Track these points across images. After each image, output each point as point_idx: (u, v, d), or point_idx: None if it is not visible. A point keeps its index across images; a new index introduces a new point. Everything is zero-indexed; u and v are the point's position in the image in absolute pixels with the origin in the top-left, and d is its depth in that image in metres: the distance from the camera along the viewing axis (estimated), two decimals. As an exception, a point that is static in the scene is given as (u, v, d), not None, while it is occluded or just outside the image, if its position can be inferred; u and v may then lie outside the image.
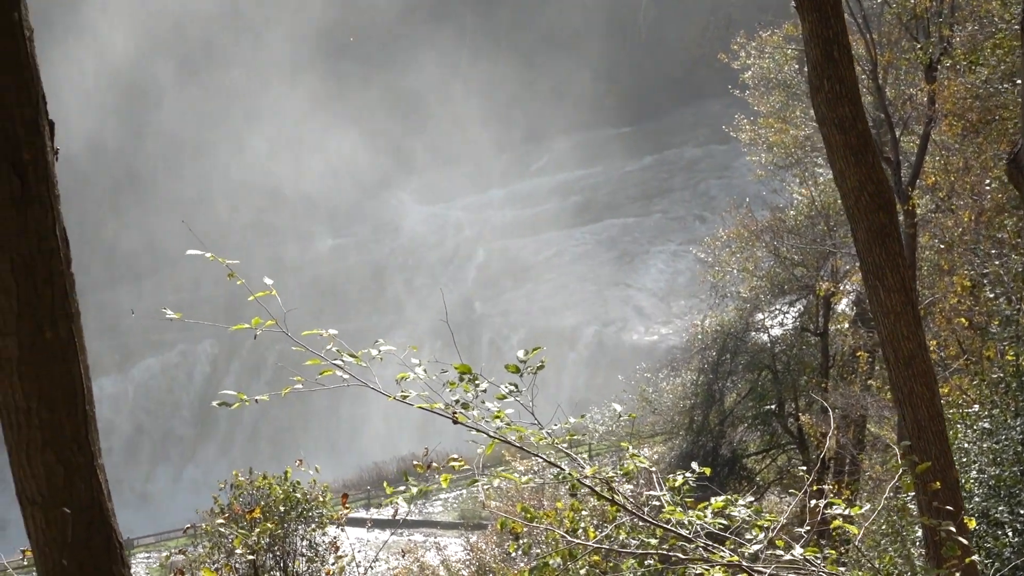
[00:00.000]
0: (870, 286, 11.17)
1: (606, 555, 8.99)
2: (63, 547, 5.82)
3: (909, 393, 11.33)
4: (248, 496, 21.74)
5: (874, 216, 10.76)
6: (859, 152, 10.54)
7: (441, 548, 44.39)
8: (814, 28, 9.62)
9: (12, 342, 5.66)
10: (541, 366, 8.49)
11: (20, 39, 5.47)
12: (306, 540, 21.52)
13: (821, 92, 10.11)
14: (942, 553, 9.48)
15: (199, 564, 20.44)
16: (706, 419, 44.45)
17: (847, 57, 10.25)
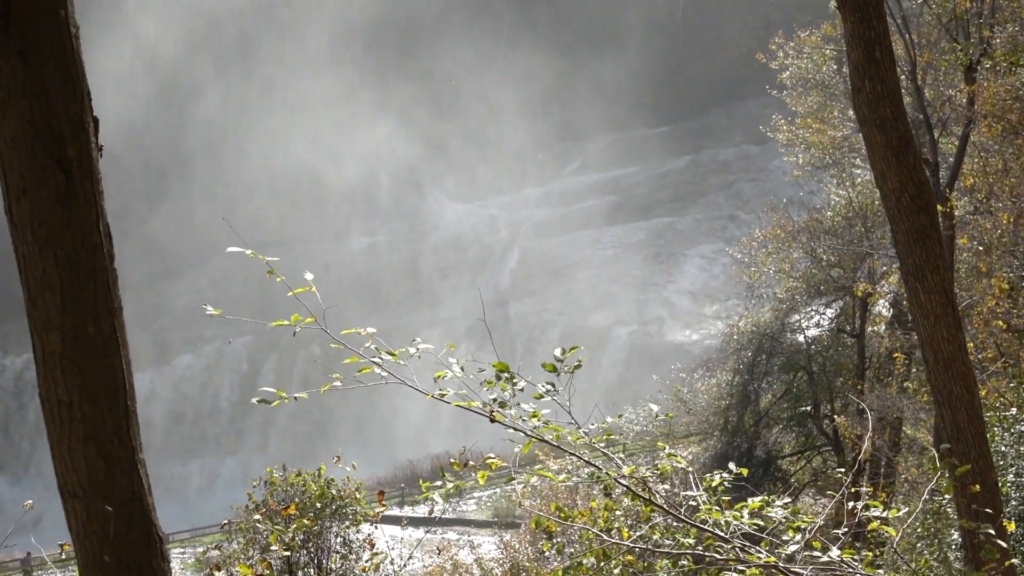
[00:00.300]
0: (910, 288, 11.12)
1: (640, 555, 8.98)
2: (104, 540, 5.86)
3: (948, 395, 11.28)
4: (282, 492, 21.80)
5: (915, 217, 10.71)
6: (900, 153, 10.50)
7: (475, 546, 44.42)
8: (856, 28, 9.58)
9: (56, 337, 5.70)
10: (578, 365, 8.47)
11: (66, 36, 5.51)
12: (340, 537, 21.56)
13: (862, 93, 10.07)
14: (981, 556, 9.43)
15: (234, 560, 20.51)
16: (741, 420, 44.30)
17: (889, 58, 10.21)
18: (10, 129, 5.50)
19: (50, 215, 5.57)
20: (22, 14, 5.38)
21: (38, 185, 5.54)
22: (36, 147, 5.50)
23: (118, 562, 5.86)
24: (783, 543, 8.14)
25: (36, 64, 5.44)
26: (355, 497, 22.01)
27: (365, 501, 22.40)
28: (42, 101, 5.47)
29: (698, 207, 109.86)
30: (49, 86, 5.48)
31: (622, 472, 8.27)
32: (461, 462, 8.97)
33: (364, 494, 22.44)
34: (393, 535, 23.15)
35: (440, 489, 8.27)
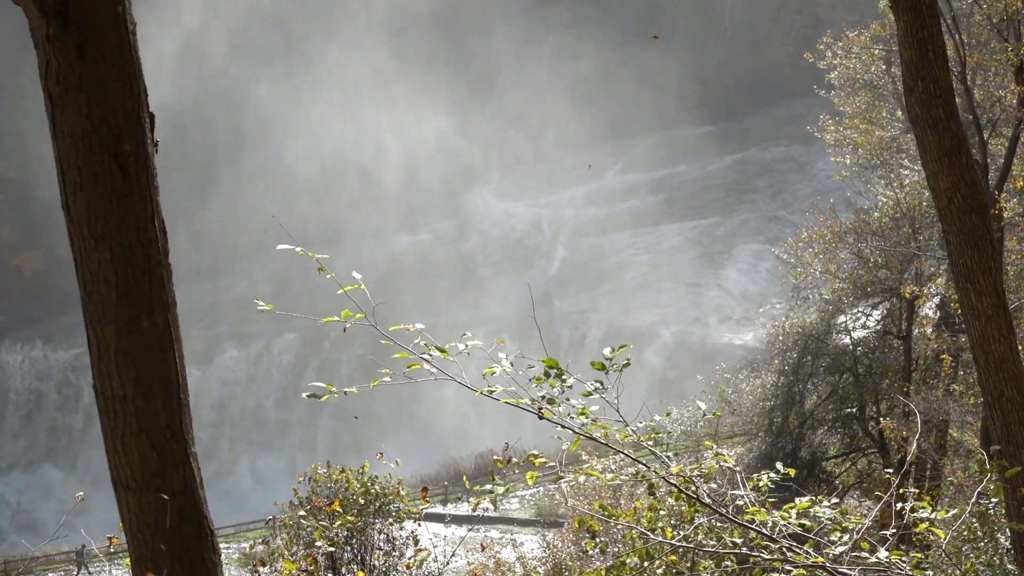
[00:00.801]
0: (961, 289, 11.05)
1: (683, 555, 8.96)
2: (156, 532, 5.90)
3: (999, 397, 11.20)
4: (326, 489, 21.85)
5: (966, 218, 10.64)
6: (952, 153, 10.43)
7: (517, 545, 44.39)
8: (909, 28, 9.53)
9: (110, 330, 5.74)
10: (627, 363, 8.47)
11: (124, 33, 5.55)
12: (383, 534, 21.58)
13: (915, 92, 10.02)
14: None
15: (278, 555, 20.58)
16: (786, 421, 44.11)
17: (942, 58, 10.14)
18: (67, 124, 5.56)
19: (106, 210, 5.61)
20: (80, 11, 5.43)
21: (95, 180, 5.59)
22: (93, 142, 5.54)
23: (170, 553, 5.91)
24: (830, 544, 8.12)
25: (94, 60, 5.49)
26: (398, 494, 22.05)
27: (408, 498, 22.44)
28: (99, 97, 5.52)
29: (744, 207, 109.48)
30: (106, 82, 5.52)
31: (670, 470, 8.26)
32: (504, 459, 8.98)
33: (407, 491, 22.48)
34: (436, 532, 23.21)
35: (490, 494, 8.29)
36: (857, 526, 8.22)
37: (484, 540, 43.13)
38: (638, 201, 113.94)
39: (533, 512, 62.28)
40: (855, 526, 8.21)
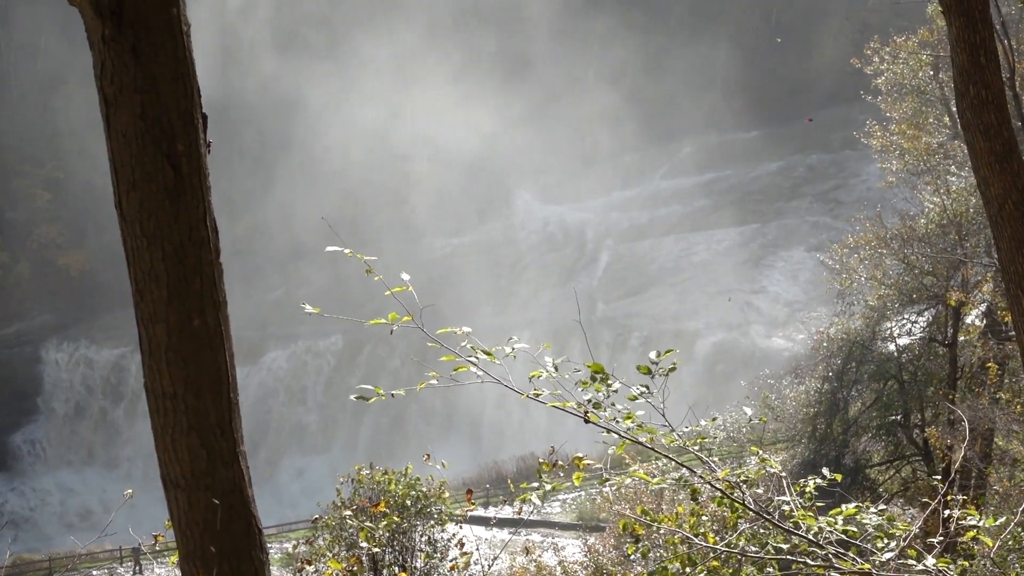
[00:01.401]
0: (1012, 296, 10.94)
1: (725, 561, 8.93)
2: (205, 530, 5.94)
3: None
4: (368, 490, 21.89)
5: (1018, 224, 10.54)
6: (1004, 159, 10.34)
7: (559, 549, 44.33)
8: (961, 33, 9.47)
9: (161, 329, 5.78)
10: (673, 368, 8.46)
11: (178, 33, 5.60)
12: (425, 536, 21.61)
13: (966, 98, 9.96)
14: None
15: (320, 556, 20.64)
16: (829, 427, 43.88)
17: (994, 63, 10.06)
18: (121, 124, 5.60)
19: (158, 209, 5.66)
20: (135, 11, 5.48)
21: (147, 179, 5.63)
22: (146, 142, 5.59)
23: (219, 552, 5.94)
24: (875, 551, 8.07)
25: (148, 60, 5.54)
26: (440, 496, 22.07)
27: (450, 501, 22.46)
28: (153, 97, 5.56)
29: (789, 212, 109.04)
30: (160, 82, 5.57)
31: (716, 475, 8.24)
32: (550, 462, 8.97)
33: (449, 494, 22.50)
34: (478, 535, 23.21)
35: (537, 490, 8.29)
36: (904, 533, 8.17)
37: (526, 543, 43.11)
38: (683, 205, 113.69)
39: (575, 516, 62.25)
40: (901, 533, 8.17)
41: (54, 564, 64.12)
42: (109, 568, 62.98)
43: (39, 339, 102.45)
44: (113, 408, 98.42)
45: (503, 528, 53.14)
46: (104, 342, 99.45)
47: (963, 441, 11.24)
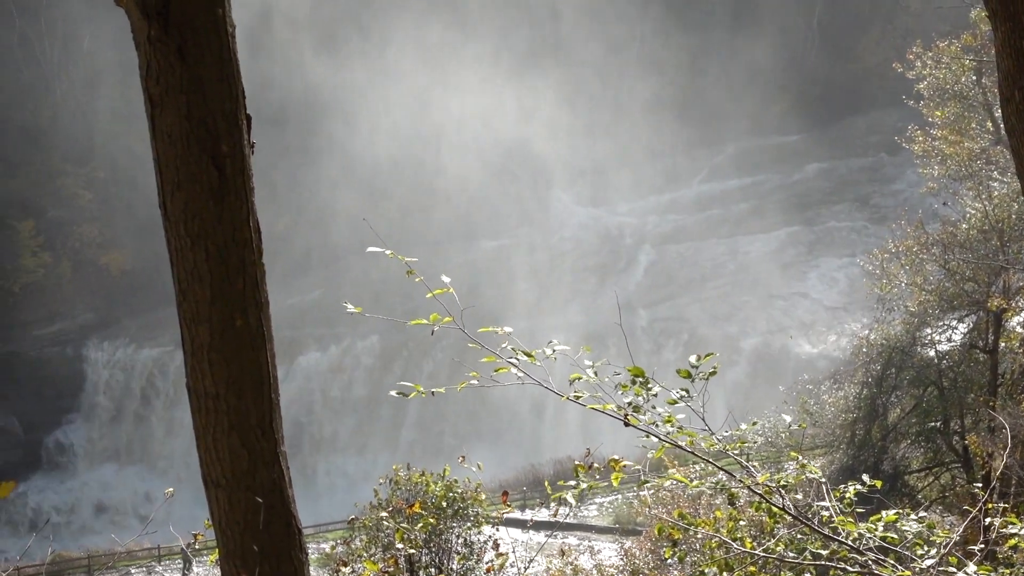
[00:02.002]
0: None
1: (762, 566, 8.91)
2: (245, 529, 5.97)
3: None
4: (406, 491, 21.92)
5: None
6: (1050, 166, 10.25)
7: (595, 552, 44.30)
8: (1007, 38, 9.38)
9: (204, 329, 5.82)
10: (713, 372, 8.45)
11: (223, 35, 5.63)
12: (461, 538, 21.62)
13: (1012, 103, 9.87)
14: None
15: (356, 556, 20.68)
16: (868, 434, 43.68)
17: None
18: (167, 125, 5.64)
19: (202, 209, 5.69)
20: (181, 13, 5.51)
21: (192, 180, 5.67)
22: (191, 143, 5.63)
23: (259, 551, 5.97)
24: (915, 558, 8.03)
25: (193, 62, 5.57)
26: (477, 499, 22.08)
27: (487, 503, 22.46)
28: (198, 98, 5.60)
29: (829, 217, 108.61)
30: (205, 83, 5.60)
31: (756, 480, 8.22)
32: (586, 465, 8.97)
33: (486, 496, 22.51)
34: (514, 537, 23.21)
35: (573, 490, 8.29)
36: (944, 541, 8.13)
37: (562, 547, 43.10)
38: (722, 209, 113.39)
39: (611, 519, 62.16)
40: (941, 541, 8.13)
41: (93, 562, 64.50)
42: (148, 566, 63.28)
43: (80, 338, 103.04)
44: (153, 407, 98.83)
45: (539, 531, 53.12)
46: (144, 342, 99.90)
47: (1004, 448, 11.17)
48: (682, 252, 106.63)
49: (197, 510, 30.34)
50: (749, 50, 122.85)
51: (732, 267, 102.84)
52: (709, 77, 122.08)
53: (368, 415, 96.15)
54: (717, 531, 8.72)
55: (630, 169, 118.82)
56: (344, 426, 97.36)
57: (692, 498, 35.83)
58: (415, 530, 17.04)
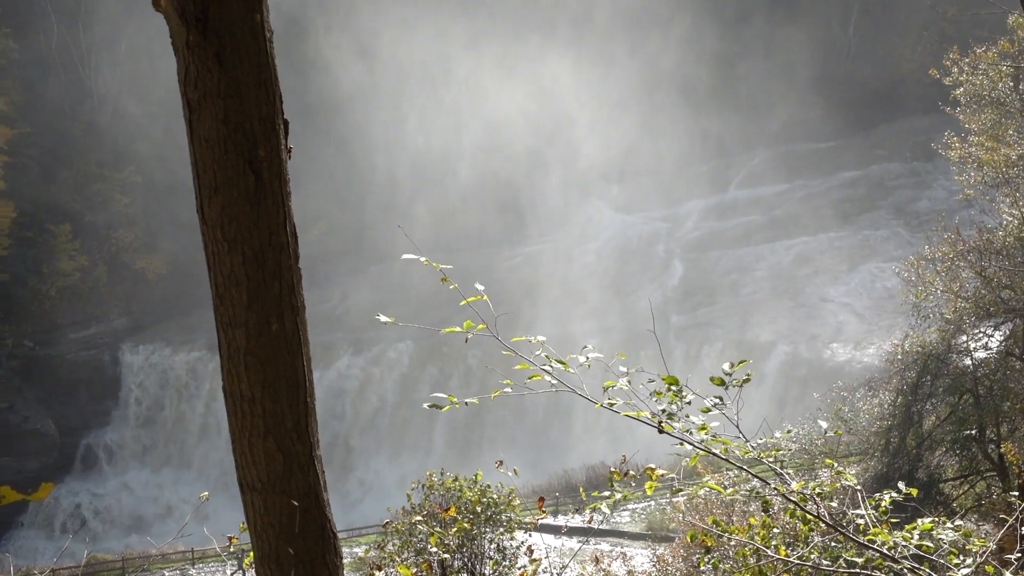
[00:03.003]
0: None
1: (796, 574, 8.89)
2: (280, 532, 5.99)
3: None
4: (439, 496, 21.94)
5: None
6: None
7: (627, 558, 44.26)
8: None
9: (241, 333, 5.84)
10: (747, 379, 8.42)
11: (261, 40, 5.66)
12: (494, 543, 21.61)
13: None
14: None
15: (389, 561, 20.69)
16: (903, 441, 43.44)
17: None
18: (204, 129, 5.67)
19: (239, 213, 5.71)
20: (220, 19, 5.54)
21: (229, 184, 5.69)
22: (229, 147, 5.65)
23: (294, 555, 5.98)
24: (951, 567, 7.99)
25: (232, 66, 5.60)
26: (510, 504, 22.07)
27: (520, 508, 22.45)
28: (236, 102, 5.62)
29: (864, 223, 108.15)
30: (243, 88, 5.63)
31: (791, 488, 8.19)
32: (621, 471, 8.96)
33: (519, 501, 22.49)
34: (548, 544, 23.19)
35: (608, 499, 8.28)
36: (980, 549, 8.09)
37: (594, 553, 43.05)
38: (757, 216, 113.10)
39: (644, 526, 62.06)
40: (978, 549, 8.09)
41: (127, 564, 64.85)
42: (181, 569, 63.56)
43: (115, 341, 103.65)
44: (187, 411, 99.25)
45: (572, 537, 53.09)
46: (179, 345, 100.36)
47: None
48: (716, 258, 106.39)
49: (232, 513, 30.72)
50: (784, 57, 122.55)
51: (766, 273, 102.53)
52: (744, 84, 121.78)
53: (400, 420, 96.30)
54: (751, 539, 8.69)
55: (664, 175, 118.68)
56: (376, 431, 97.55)
57: (725, 505, 35.76)
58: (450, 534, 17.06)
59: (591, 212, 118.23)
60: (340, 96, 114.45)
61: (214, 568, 62.65)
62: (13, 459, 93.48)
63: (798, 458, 44.43)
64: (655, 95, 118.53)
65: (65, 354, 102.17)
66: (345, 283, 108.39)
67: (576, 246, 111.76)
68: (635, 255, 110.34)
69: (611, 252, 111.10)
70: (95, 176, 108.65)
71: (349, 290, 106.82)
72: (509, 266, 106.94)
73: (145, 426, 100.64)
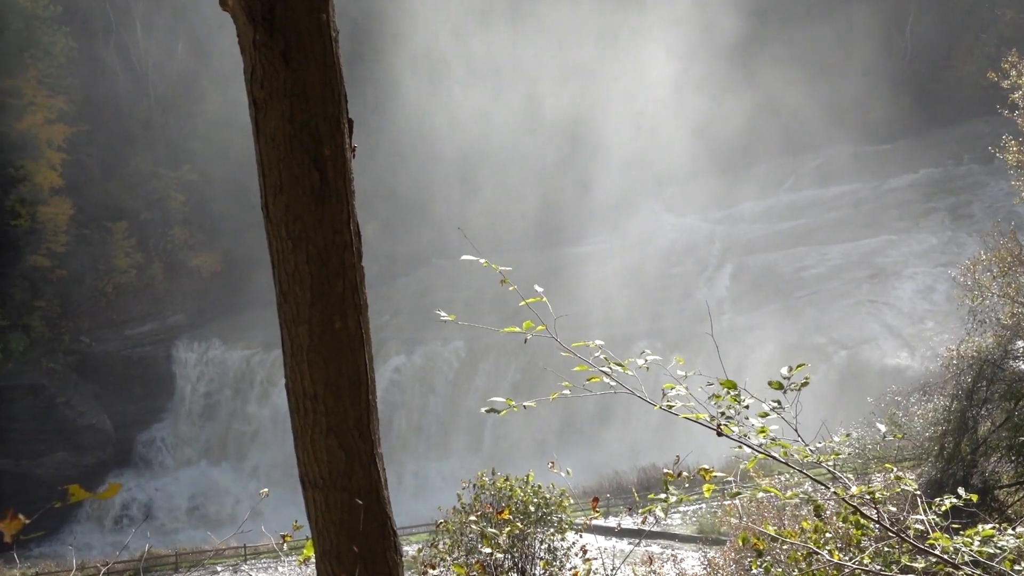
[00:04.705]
0: None
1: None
2: (341, 529, 6.02)
3: None
4: (489, 496, 21.95)
5: None
6: None
7: (678, 561, 44.13)
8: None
9: (304, 330, 5.88)
10: (805, 382, 8.40)
11: (327, 39, 5.69)
12: (545, 544, 21.60)
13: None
14: None
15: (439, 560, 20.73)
16: (957, 447, 43.12)
17: None
18: (270, 128, 5.71)
19: (304, 212, 5.75)
20: (287, 18, 5.58)
21: (294, 182, 5.73)
22: (294, 145, 5.69)
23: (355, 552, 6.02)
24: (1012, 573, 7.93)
25: (298, 66, 5.64)
26: (561, 505, 22.06)
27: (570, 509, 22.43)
28: (302, 101, 5.66)
29: (920, 227, 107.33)
30: (309, 87, 5.66)
31: (851, 492, 8.15)
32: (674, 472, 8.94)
33: (570, 502, 22.47)
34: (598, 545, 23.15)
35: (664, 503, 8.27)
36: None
37: (645, 555, 42.95)
38: (811, 218, 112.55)
39: (695, 528, 61.84)
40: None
41: (180, 559, 65.30)
42: (234, 565, 63.92)
43: (171, 338, 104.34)
44: (241, 408, 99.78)
45: (622, 538, 52.97)
46: (234, 343, 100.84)
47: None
48: (770, 261, 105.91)
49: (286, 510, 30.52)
50: (840, 59, 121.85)
51: (819, 276, 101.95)
52: (798, 86, 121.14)
53: (453, 419, 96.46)
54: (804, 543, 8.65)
55: (719, 178, 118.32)
56: (429, 429, 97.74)
57: (777, 509, 35.60)
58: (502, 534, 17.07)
59: (646, 213, 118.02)
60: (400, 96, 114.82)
61: (267, 564, 62.99)
62: (70, 454, 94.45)
63: (851, 463, 44.21)
64: (711, 96, 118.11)
65: (121, 350, 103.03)
66: (396, 282, 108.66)
67: (629, 247, 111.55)
68: (688, 257, 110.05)
69: (664, 253, 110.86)
70: (151, 174, 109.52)
71: (402, 289, 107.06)
72: (561, 266, 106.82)
73: (199, 423, 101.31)
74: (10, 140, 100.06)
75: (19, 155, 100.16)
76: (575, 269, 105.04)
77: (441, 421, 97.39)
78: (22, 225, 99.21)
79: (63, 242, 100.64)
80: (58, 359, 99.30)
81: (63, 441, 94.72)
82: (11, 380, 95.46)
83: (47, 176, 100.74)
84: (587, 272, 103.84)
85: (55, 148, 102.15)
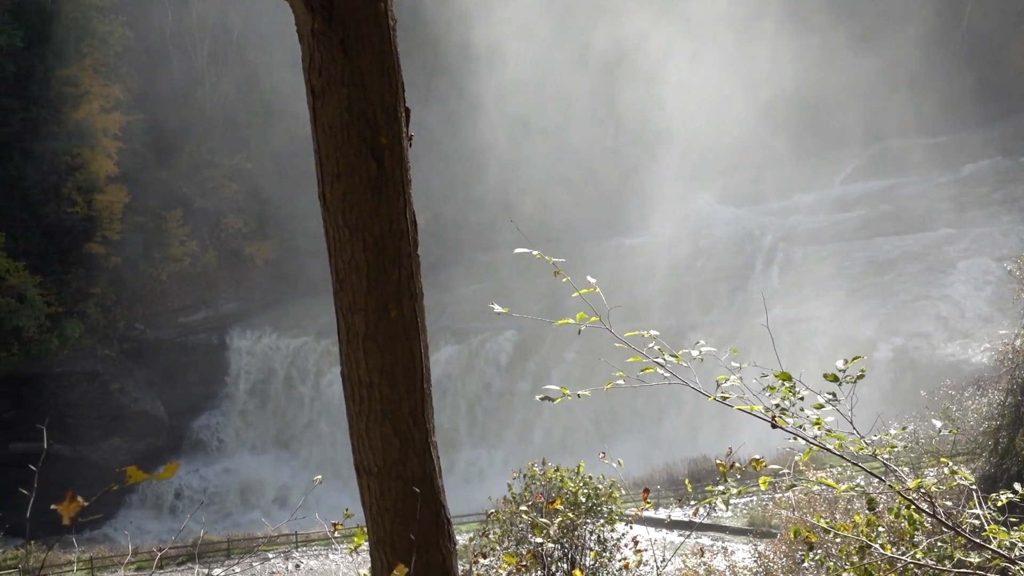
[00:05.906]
0: None
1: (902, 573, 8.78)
2: (395, 516, 6.04)
3: None
4: (540, 486, 21.97)
5: None
6: None
7: (728, 553, 43.97)
8: None
9: (360, 318, 5.90)
10: (861, 375, 8.34)
11: (385, 28, 5.70)
12: (595, 535, 21.59)
13: None
14: None
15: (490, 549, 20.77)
16: (1012, 442, 42.78)
17: None
18: (328, 116, 5.72)
19: (361, 200, 5.76)
20: (345, 6, 5.59)
21: (351, 171, 5.74)
22: (351, 134, 5.70)
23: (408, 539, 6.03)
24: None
25: (355, 55, 5.65)
26: (611, 495, 22.04)
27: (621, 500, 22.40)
28: (359, 90, 5.67)
29: (974, 220, 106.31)
30: (366, 76, 5.67)
31: (907, 485, 8.10)
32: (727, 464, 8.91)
33: (620, 493, 22.44)
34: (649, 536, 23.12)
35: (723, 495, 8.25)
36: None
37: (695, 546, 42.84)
38: (865, 211, 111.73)
39: (745, 521, 61.60)
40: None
41: (232, 546, 65.74)
42: (285, 552, 64.27)
43: (224, 326, 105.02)
44: (294, 396, 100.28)
45: (672, 530, 52.87)
46: (287, 331, 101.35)
47: None
48: (823, 253, 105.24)
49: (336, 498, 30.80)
50: (895, 51, 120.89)
51: (872, 268, 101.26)
52: (852, 77, 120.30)
53: (503, 409, 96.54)
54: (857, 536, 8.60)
55: (772, 169, 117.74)
56: (479, 419, 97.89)
57: (829, 503, 35.41)
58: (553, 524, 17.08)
59: (700, 204, 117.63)
60: (462, 85, 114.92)
61: (318, 551, 63.30)
62: (124, 440, 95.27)
63: (904, 457, 43.92)
64: (766, 90, 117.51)
65: (174, 338, 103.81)
66: (449, 272, 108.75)
67: (682, 238, 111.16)
68: (741, 248, 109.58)
69: (717, 245, 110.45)
70: (206, 163, 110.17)
71: (454, 279, 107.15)
72: (615, 257, 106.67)
73: (252, 410, 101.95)
74: (67, 129, 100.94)
75: (76, 143, 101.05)
76: (626, 261, 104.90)
77: (494, 410, 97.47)
78: (78, 213, 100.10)
79: (118, 230, 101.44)
80: (113, 346, 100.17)
81: (118, 427, 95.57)
82: (67, 366, 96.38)
83: (103, 164, 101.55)
84: (637, 264, 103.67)
85: (111, 137, 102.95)
